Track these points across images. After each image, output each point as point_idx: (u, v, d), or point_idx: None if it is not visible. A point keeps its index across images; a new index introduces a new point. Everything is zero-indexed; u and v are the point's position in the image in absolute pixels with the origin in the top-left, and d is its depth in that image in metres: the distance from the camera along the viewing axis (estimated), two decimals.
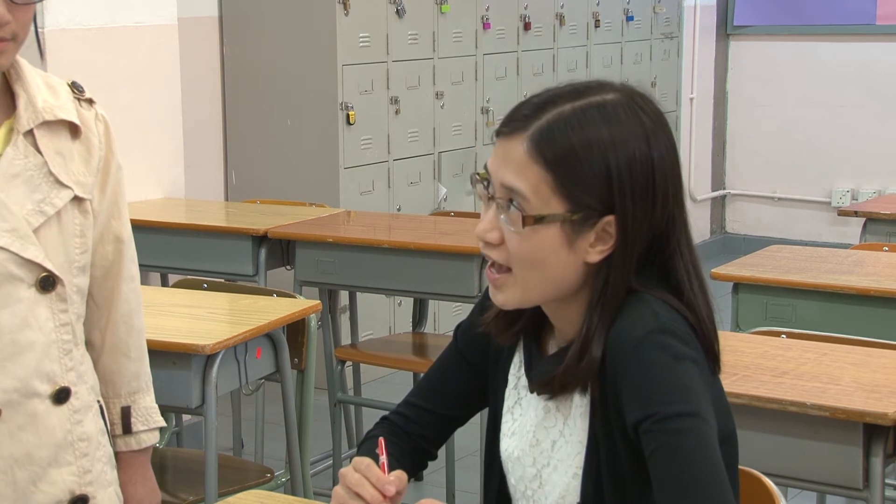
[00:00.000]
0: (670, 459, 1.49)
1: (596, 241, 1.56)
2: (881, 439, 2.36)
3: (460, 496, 4.17)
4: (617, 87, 1.59)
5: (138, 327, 2.09)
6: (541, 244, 1.55)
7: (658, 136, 1.57)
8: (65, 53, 4.26)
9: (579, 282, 1.59)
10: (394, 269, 3.99)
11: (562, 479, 1.64)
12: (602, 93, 1.58)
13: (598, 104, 1.56)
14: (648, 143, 1.56)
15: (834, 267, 3.55)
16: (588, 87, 1.59)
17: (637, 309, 1.56)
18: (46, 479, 1.90)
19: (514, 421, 1.72)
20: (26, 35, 1.85)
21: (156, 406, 2.13)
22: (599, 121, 1.54)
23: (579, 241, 1.56)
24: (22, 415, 1.87)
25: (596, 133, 1.54)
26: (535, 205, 1.54)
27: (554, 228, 1.55)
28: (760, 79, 8.01)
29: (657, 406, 1.50)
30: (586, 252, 1.56)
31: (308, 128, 5.25)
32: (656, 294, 1.58)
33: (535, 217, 1.54)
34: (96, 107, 2.00)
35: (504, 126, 1.59)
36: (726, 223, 8.32)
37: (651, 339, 1.53)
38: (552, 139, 1.54)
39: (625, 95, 1.58)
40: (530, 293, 1.60)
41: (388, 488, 1.56)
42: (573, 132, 1.54)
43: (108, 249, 2.02)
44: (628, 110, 1.56)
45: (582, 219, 1.54)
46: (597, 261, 1.57)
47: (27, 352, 1.86)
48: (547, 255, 1.56)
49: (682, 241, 1.60)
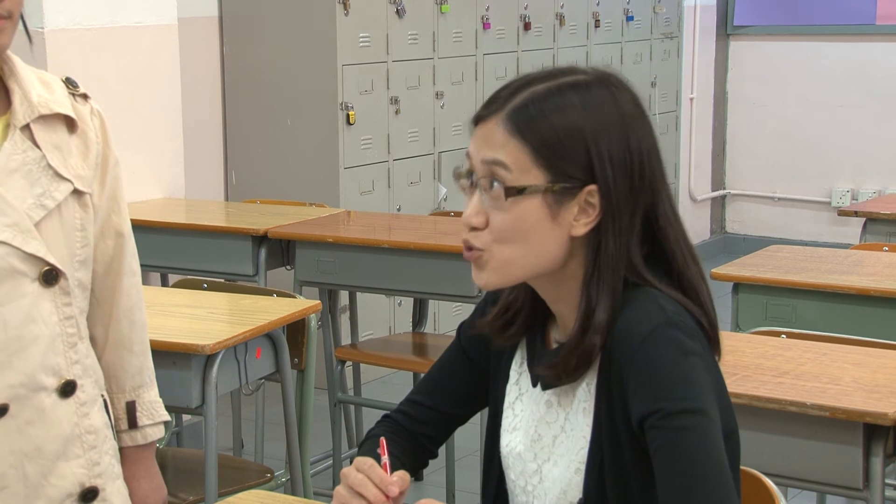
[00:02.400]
0: (674, 456, 1.49)
1: (580, 214, 1.57)
2: (881, 439, 2.36)
3: (460, 496, 4.17)
4: (588, 69, 1.64)
5: (140, 322, 2.09)
6: (524, 216, 1.56)
7: (632, 109, 1.60)
8: (65, 53, 4.26)
9: (564, 256, 1.59)
10: (394, 269, 3.99)
11: (563, 475, 1.64)
12: (575, 74, 1.61)
13: (571, 83, 1.60)
14: (622, 115, 1.58)
15: (834, 267, 3.55)
16: (562, 70, 1.63)
17: (643, 303, 1.56)
18: (56, 473, 1.91)
19: (514, 416, 1.72)
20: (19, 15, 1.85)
21: (160, 400, 2.13)
22: (574, 96, 1.58)
23: (563, 213, 1.57)
24: (29, 409, 1.87)
25: (570, 106, 1.57)
26: (516, 176, 1.56)
27: (536, 200, 1.56)
28: (760, 79, 8.01)
29: (663, 402, 1.51)
30: (571, 225, 1.57)
31: (308, 128, 5.25)
32: (662, 287, 1.58)
33: (517, 188, 1.56)
34: (91, 101, 2.00)
35: (482, 110, 1.61)
36: (726, 223, 8.32)
37: (658, 334, 1.53)
38: (528, 114, 1.57)
39: (597, 76, 1.62)
40: (512, 270, 1.60)
41: (392, 489, 1.56)
42: (548, 105, 1.57)
43: (108, 244, 2.03)
44: (600, 85, 1.60)
45: (563, 189, 1.56)
46: (583, 233, 1.58)
47: (32, 346, 1.86)
48: (530, 228, 1.57)
49: (669, 212, 1.62)
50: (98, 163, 1.98)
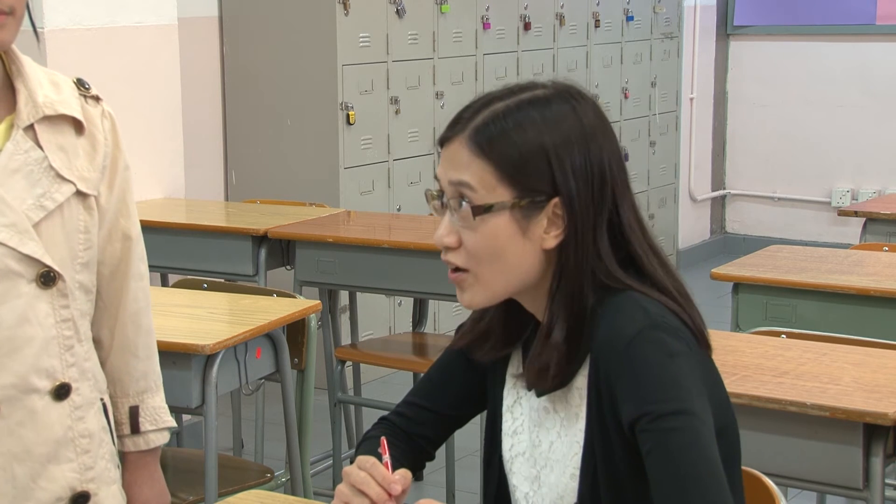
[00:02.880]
0: (665, 458, 1.50)
1: (549, 226, 1.58)
2: (881, 439, 2.36)
3: (460, 496, 4.17)
4: (547, 83, 1.65)
5: (146, 326, 2.08)
6: (494, 235, 1.58)
7: (592, 119, 1.61)
8: (65, 53, 4.26)
9: (542, 269, 1.61)
10: (394, 269, 3.99)
11: (559, 480, 1.64)
12: (534, 89, 1.63)
13: (529, 98, 1.61)
14: (582, 126, 1.59)
15: (834, 267, 3.55)
16: (521, 86, 1.64)
17: (626, 307, 1.57)
18: (46, 476, 1.89)
19: (514, 420, 1.72)
20: (23, 12, 1.85)
21: (165, 406, 2.11)
22: (532, 109, 1.59)
23: (532, 227, 1.58)
24: (20, 411, 1.86)
25: (529, 119, 1.58)
26: (482, 195, 1.58)
27: (504, 217, 1.57)
28: (760, 79, 8.01)
29: (651, 404, 1.51)
30: (542, 238, 1.59)
31: (308, 128, 5.25)
32: (643, 290, 1.59)
33: (483, 206, 1.57)
34: (103, 104, 1.99)
35: (446, 132, 1.63)
36: (726, 223, 8.32)
37: (642, 337, 1.54)
38: (489, 133, 1.58)
39: (555, 88, 1.63)
40: (494, 288, 1.61)
41: (395, 487, 1.56)
42: (507, 122, 1.58)
43: (116, 247, 2.02)
44: (559, 99, 1.61)
45: (530, 204, 1.57)
46: (553, 245, 1.59)
47: (25, 347, 1.85)
48: (503, 246, 1.58)
49: (633, 219, 1.62)
50: (106, 165, 1.96)
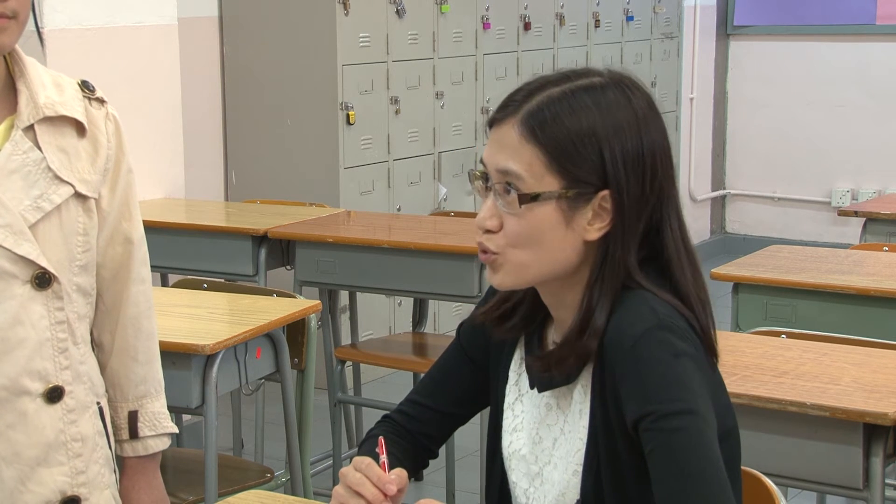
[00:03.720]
0: (668, 457, 1.50)
1: (594, 219, 1.57)
2: (881, 439, 2.36)
3: (460, 496, 4.17)
4: (603, 72, 1.63)
5: (147, 330, 2.06)
6: (538, 223, 1.57)
7: (646, 112, 1.60)
8: (65, 53, 4.26)
9: (578, 261, 1.60)
10: (394, 269, 3.99)
11: (562, 477, 1.64)
12: (590, 76, 1.61)
13: (586, 86, 1.60)
14: (637, 118, 1.58)
15: (834, 267, 3.55)
16: (576, 73, 1.62)
17: (635, 305, 1.57)
18: (35, 479, 1.87)
19: (515, 417, 1.72)
20: (27, 16, 1.84)
21: (166, 412, 2.09)
22: (588, 99, 1.58)
23: (577, 218, 1.57)
24: (11, 413, 1.84)
25: (585, 109, 1.57)
26: (530, 183, 1.56)
27: (550, 206, 1.56)
28: (760, 79, 8.01)
29: (655, 404, 1.51)
30: (585, 230, 1.58)
31: (308, 128, 5.25)
32: (654, 290, 1.58)
33: (530, 195, 1.56)
34: (107, 106, 1.98)
35: (497, 113, 1.61)
36: (726, 223, 8.32)
37: (649, 336, 1.53)
38: (542, 118, 1.57)
39: (612, 78, 1.62)
40: (527, 273, 1.60)
41: (390, 487, 1.56)
42: (563, 110, 1.57)
43: (117, 251, 2.01)
44: (616, 90, 1.60)
45: (577, 195, 1.56)
46: (596, 238, 1.58)
47: (18, 349, 1.84)
48: (544, 234, 1.57)
49: (674, 217, 1.62)
50: (108, 168, 1.95)
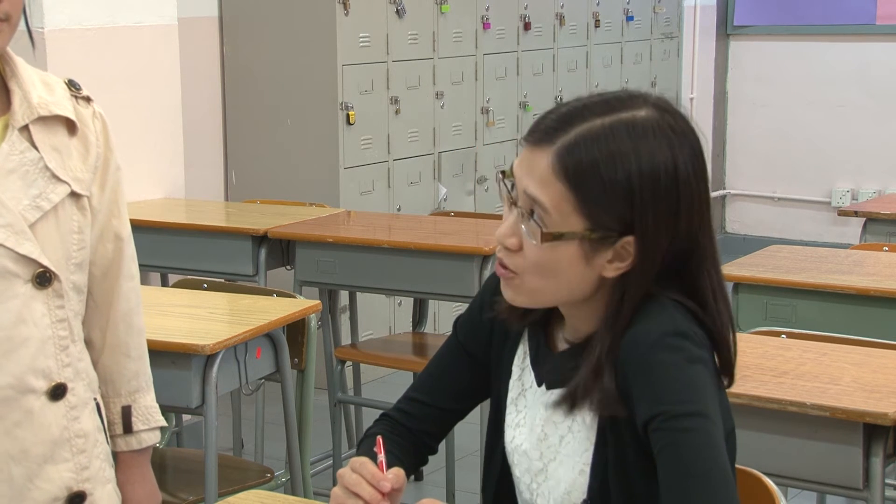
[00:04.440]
0: (677, 458, 1.50)
1: (614, 258, 1.57)
2: (881, 439, 2.36)
3: (460, 496, 4.17)
4: (650, 101, 1.58)
5: (138, 326, 2.08)
6: (557, 258, 1.56)
7: (686, 155, 1.56)
8: (65, 53, 4.26)
9: (593, 292, 1.60)
10: (394, 269, 3.99)
11: (568, 475, 1.64)
12: (633, 108, 1.57)
13: (627, 121, 1.55)
14: (675, 160, 1.55)
15: (834, 267, 3.55)
16: (619, 101, 1.57)
17: (655, 312, 1.57)
18: (43, 476, 1.90)
19: (518, 412, 1.72)
20: (19, 18, 1.85)
21: (156, 405, 2.12)
22: (626, 139, 1.53)
23: (597, 257, 1.56)
24: (17, 411, 1.86)
25: (621, 148, 1.53)
26: (555, 220, 1.55)
27: (572, 245, 1.55)
28: (760, 79, 8.01)
29: (667, 405, 1.51)
30: (603, 267, 1.57)
31: (308, 128, 5.25)
32: (674, 297, 1.58)
33: (553, 234, 1.55)
34: (94, 104, 1.99)
35: (531, 134, 1.58)
36: (726, 223, 8.32)
37: (665, 341, 1.54)
38: (577, 156, 1.53)
39: (657, 111, 1.57)
40: (541, 298, 1.62)
41: (384, 484, 1.57)
42: (599, 150, 1.53)
43: (107, 248, 2.02)
44: (657, 128, 1.55)
45: (601, 237, 1.55)
46: (613, 276, 1.58)
47: (22, 348, 1.85)
48: (563, 268, 1.57)
49: (709, 261, 1.60)
50: (98, 166, 1.97)
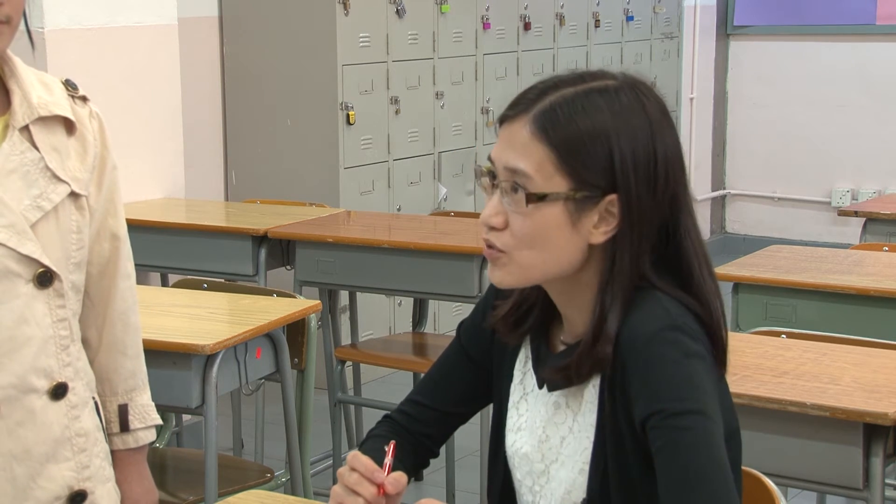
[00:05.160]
0: (675, 456, 1.50)
1: (599, 222, 1.57)
2: (881, 439, 2.36)
3: (460, 496, 4.17)
4: (617, 75, 1.62)
5: (134, 325, 2.09)
6: (544, 223, 1.57)
7: (660, 118, 1.59)
8: (65, 53, 4.26)
9: (582, 262, 1.59)
10: (394, 269, 3.99)
11: (568, 475, 1.65)
12: (604, 79, 1.61)
13: (600, 88, 1.59)
14: (650, 124, 1.58)
15: (834, 267, 3.55)
16: (591, 74, 1.62)
17: (648, 306, 1.57)
18: (45, 475, 1.90)
19: (519, 416, 1.72)
20: (19, 20, 1.86)
21: (152, 404, 2.13)
22: (602, 102, 1.57)
23: (583, 220, 1.57)
24: (20, 411, 1.87)
25: (598, 112, 1.56)
26: (538, 183, 1.56)
27: (557, 207, 1.56)
28: (760, 79, 8.01)
29: (664, 402, 1.51)
30: (590, 233, 1.57)
31: (308, 128, 5.25)
32: (668, 291, 1.58)
33: (538, 195, 1.56)
34: (90, 104, 2.00)
35: (509, 110, 1.61)
36: (726, 223, 8.32)
37: (661, 336, 1.54)
38: (555, 117, 1.56)
39: (626, 82, 1.61)
40: (529, 273, 1.60)
41: (378, 475, 1.57)
42: (576, 111, 1.56)
43: (104, 247, 2.03)
44: (630, 94, 1.59)
45: (585, 198, 1.56)
46: (601, 241, 1.58)
47: (24, 347, 1.86)
48: (550, 234, 1.57)
49: (690, 224, 1.61)
50: (95, 165, 1.97)
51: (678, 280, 1.60)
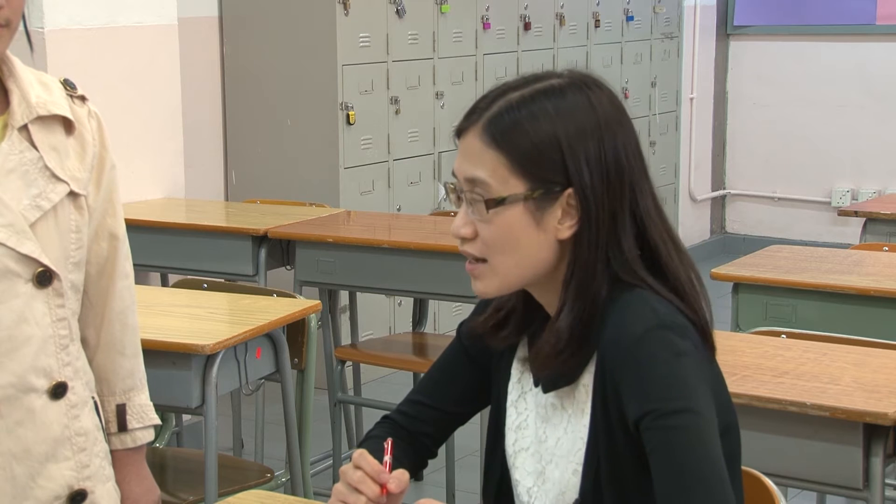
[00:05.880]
0: (669, 456, 1.50)
1: (563, 217, 1.58)
2: (881, 439, 2.36)
3: (460, 496, 4.17)
4: (563, 73, 1.65)
5: (132, 325, 2.09)
6: (508, 226, 1.58)
7: (608, 111, 1.61)
8: (65, 53, 4.26)
9: (556, 260, 1.61)
10: (394, 269, 3.99)
11: (562, 476, 1.65)
12: (549, 79, 1.63)
13: (545, 89, 1.61)
14: (597, 117, 1.59)
15: (834, 267, 3.55)
16: (536, 76, 1.64)
17: (635, 305, 1.57)
18: (45, 475, 1.90)
19: (518, 415, 1.73)
20: (18, 22, 1.86)
21: (150, 404, 2.13)
22: (548, 103, 1.59)
23: (546, 218, 1.58)
24: (19, 410, 1.87)
25: (542, 109, 1.58)
26: (495, 188, 1.58)
27: (517, 209, 1.58)
28: (760, 79, 8.01)
29: (656, 403, 1.51)
30: (556, 229, 1.59)
31: (308, 128, 5.25)
32: (655, 288, 1.59)
33: (496, 199, 1.58)
34: (89, 104, 2.00)
35: (462, 122, 1.63)
36: (726, 223, 8.32)
37: (649, 336, 1.54)
38: (502, 124, 1.58)
39: (572, 79, 1.63)
40: (508, 278, 1.62)
41: (384, 476, 1.57)
42: (521, 112, 1.58)
43: (103, 246, 2.03)
44: (574, 89, 1.61)
45: (543, 195, 1.57)
46: (568, 236, 1.59)
47: (24, 347, 1.86)
48: (517, 237, 1.59)
49: (652, 209, 1.62)
50: (94, 165, 1.98)
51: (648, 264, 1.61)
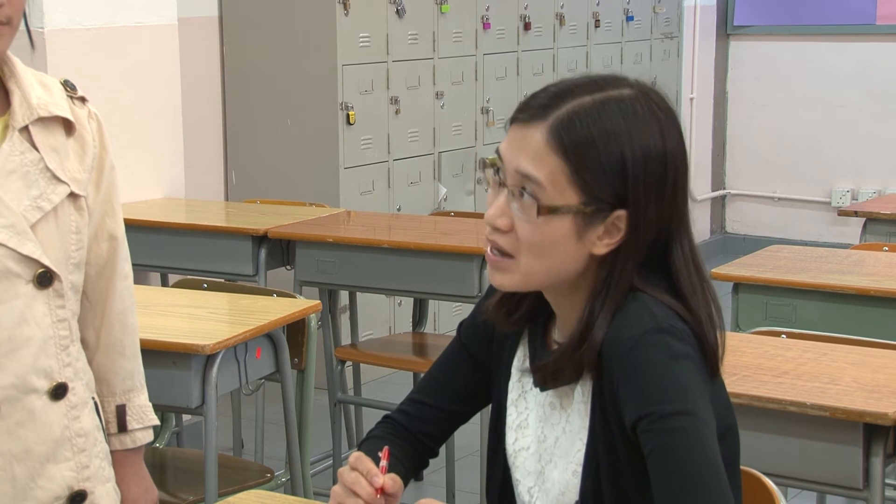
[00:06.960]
0: (667, 459, 1.50)
1: (604, 234, 1.57)
2: (881, 439, 2.36)
3: (460, 496, 4.17)
4: (632, 82, 1.61)
5: (132, 325, 2.10)
6: (552, 234, 1.56)
7: (671, 131, 1.59)
8: (65, 53, 4.26)
9: (581, 271, 1.60)
10: (394, 269, 3.99)
11: (562, 476, 1.65)
12: (619, 87, 1.59)
13: (616, 98, 1.57)
14: (663, 139, 1.57)
15: (834, 267, 3.55)
16: (605, 81, 1.60)
17: (635, 309, 1.57)
18: (45, 475, 1.91)
19: (518, 414, 1.72)
20: (20, 20, 1.86)
21: (150, 404, 2.14)
22: (618, 114, 1.55)
23: (589, 233, 1.57)
24: (20, 411, 1.87)
25: (614, 125, 1.55)
26: (550, 194, 1.55)
27: (566, 220, 1.55)
28: (760, 79, 8.01)
29: (653, 405, 1.51)
30: (593, 244, 1.57)
31: (308, 128, 5.25)
32: (655, 294, 1.58)
33: (549, 207, 1.55)
34: (89, 105, 2.01)
35: (521, 112, 1.59)
36: (726, 223, 8.32)
37: (648, 339, 1.53)
38: (572, 129, 1.54)
39: (640, 91, 1.60)
40: (531, 279, 1.60)
41: (377, 479, 1.57)
42: (593, 123, 1.54)
43: (102, 247, 2.03)
44: (644, 105, 1.58)
45: (595, 212, 1.55)
46: (603, 253, 1.58)
47: (24, 348, 1.86)
48: (556, 245, 1.56)
49: (684, 235, 1.61)
50: (94, 166, 1.98)
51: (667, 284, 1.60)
